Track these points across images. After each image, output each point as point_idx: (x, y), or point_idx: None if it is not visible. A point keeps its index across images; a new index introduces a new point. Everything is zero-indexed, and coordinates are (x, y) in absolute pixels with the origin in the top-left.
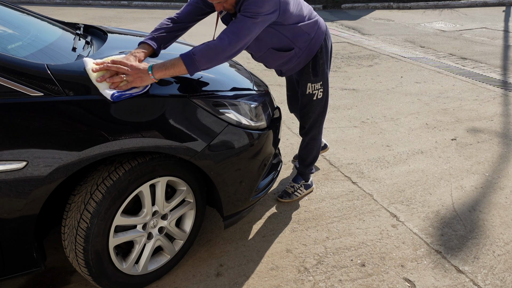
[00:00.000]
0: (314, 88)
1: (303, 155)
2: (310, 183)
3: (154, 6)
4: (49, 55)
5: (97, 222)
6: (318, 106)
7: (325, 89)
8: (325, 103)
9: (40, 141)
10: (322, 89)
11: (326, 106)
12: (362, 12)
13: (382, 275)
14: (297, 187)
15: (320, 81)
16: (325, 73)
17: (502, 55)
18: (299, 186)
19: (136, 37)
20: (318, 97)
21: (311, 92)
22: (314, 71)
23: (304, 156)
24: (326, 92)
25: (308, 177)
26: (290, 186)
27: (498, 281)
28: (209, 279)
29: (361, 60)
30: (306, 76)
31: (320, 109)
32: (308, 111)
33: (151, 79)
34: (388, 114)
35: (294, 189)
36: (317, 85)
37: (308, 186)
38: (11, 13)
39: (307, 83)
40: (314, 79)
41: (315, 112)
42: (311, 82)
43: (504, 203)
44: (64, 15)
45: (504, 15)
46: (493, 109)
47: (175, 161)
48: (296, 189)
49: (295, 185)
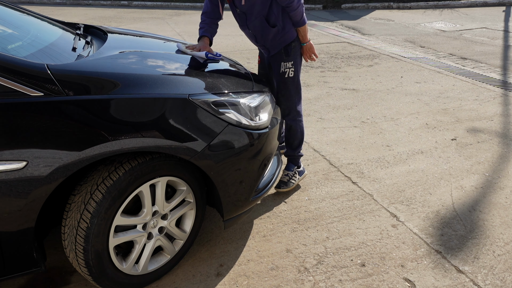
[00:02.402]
0: (286, 67)
1: (289, 139)
2: (302, 169)
3: (154, 6)
4: (49, 55)
5: (97, 222)
6: (291, 84)
7: (296, 70)
8: (297, 84)
9: (40, 141)
10: (293, 68)
11: (299, 88)
12: (362, 12)
13: (382, 275)
14: (291, 174)
15: (291, 61)
16: (296, 58)
17: (502, 55)
18: (293, 173)
19: (136, 37)
20: (290, 75)
21: (283, 70)
22: (286, 52)
23: (290, 140)
24: (297, 73)
25: (298, 161)
26: (284, 175)
27: (498, 281)
28: (209, 279)
29: (361, 60)
30: (280, 57)
31: (294, 89)
32: (282, 89)
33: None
34: (388, 114)
35: (288, 177)
36: (288, 64)
37: (301, 172)
38: (11, 13)
39: (280, 62)
40: (286, 58)
41: (288, 90)
42: (283, 61)
43: (504, 203)
44: (64, 15)
45: (504, 15)
46: (493, 109)
47: (175, 161)
48: (291, 177)
49: (289, 173)
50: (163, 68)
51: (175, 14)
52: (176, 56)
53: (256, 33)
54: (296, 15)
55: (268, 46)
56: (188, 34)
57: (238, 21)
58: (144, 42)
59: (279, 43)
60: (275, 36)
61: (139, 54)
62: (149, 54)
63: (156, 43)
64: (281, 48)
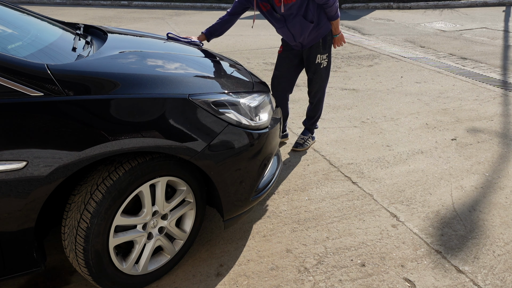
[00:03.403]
0: (322, 59)
1: (311, 115)
2: (314, 136)
3: (154, 6)
4: (49, 55)
5: (97, 222)
6: (324, 73)
7: (329, 60)
8: (328, 72)
9: (40, 141)
10: (327, 59)
11: (328, 75)
12: (362, 12)
13: (382, 275)
14: (306, 138)
15: (326, 53)
16: (330, 50)
17: (502, 55)
18: (308, 137)
19: (136, 37)
20: (324, 65)
21: (319, 61)
22: (324, 45)
23: (311, 115)
24: (329, 63)
25: (313, 130)
26: (300, 138)
27: (498, 281)
28: (209, 279)
29: (361, 60)
30: (317, 49)
31: (326, 75)
32: (317, 77)
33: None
34: (388, 114)
35: (304, 140)
36: (324, 56)
37: (313, 138)
38: (11, 13)
39: (317, 54)
40: (323, 51)
41: (321, 78)
42: (320, 53)
43: (504, 203)
44: (64, 15)
45: (504, 15)
46: (493, 109)
47: (175, 161)
48: (305, 140)
49: (304, 137)
50: (163, 68)
51: (175, 14)
52: (176, 56)
53: (295, 31)
54: (332, 10)
55: (305, 41)
56: (188, 34)
57: (275, 24)
58: (144, 42)
59: (316, 37)
60: (311, 31)
61: (139, 54)
62: (149, 54)
63: (156, 43)
64: (319, 40)
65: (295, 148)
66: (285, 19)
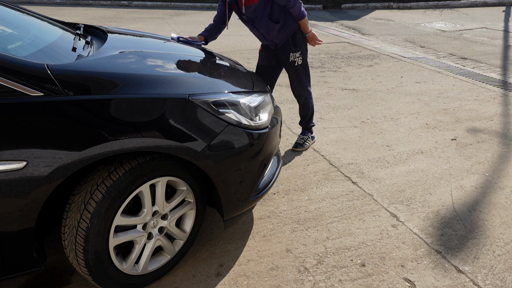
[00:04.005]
0: (295, 57)
1: (302, 114)
2: (314, 135)
3: (154, 6)
4: (49, 55)
5: (97, 222)
6: (301, 70)
7: (303, 57)
8: (306, 69)
9: (40, 141)
10: (300, 57)
11: (307, 72)
12: (362, 12)
13: (382, 275)
14: (306, 138)
15: (298, 51)
16: (302, 47)
17: (502, 55)
18: (307, 137)
19: (136, 37)
20: (299, 63)
21: (293, 59)
22: (294, 43)
23: (303, 114)
24: (305, 60)
25: (311, 129)
26: (300, 138)
27: (498, 281)
28: (209, 279)
29: (361, 60)
30: (288, 48)
31: (304, 74)
32: (294, 75)
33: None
34: (388, 114)
35: (303, 140)
36: (297, 54)
37: (313, 137)
38: (11, 13)
39: (289, 53)
40: (294, 49)
41: (299, 76)
42: (292, 51)
43: (504, 203)
44: (64, 15)
45: (504, 15)
46: (493, 109)
47: (175, 161)
48: (305, 140)
49: (304, 137)
50: (163, 68)
51: (175, 14)
52: (176, 56)
53: (264, 31)
54: (295, 11)
55: (276, 40)
56: (188, 34)
57: (247, 26)
58: (144, 42)
59: (285, 36)
60: (279, 30)
61: (139, 54)
62: (149, 54)
63: (156, 43)
64: (288, 39)
65: (295, 148)
66: (252, 20)
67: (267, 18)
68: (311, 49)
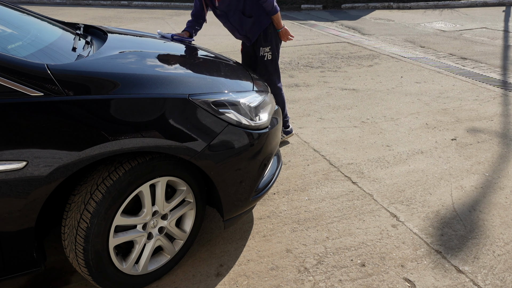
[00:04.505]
0: (265, 51)
1: None
2: (290, 130)
3: (154, 6)
4: (49, 55)
5: (97, 222)
6: (270, 66)
7: (273, 53)
8: (275, 65)
9: (40, 141)
10: (270, 52)
11: (277, 68)
12: (362, 12)
13: (382, 275)
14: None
15: (269, 46)
16: (272, 43)
17: (502, 55)
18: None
19: (136, 37)
20: (268, 58)
21: (263, 54)
22: (265, 38)
23: None
24: (274, 56)
25: (286, 123)
26: None
27: (498, 281)
28: (209, 279)
29: (361, 60)
30: (259, 42)
31: (273, 69)
32: (263, 69)
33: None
34: (388, 114)
35: None
36: (267, 49)
37: (288, 132)
38: (11, 13)
39: (260, 47)
40: (264, 44)
41: (267, 70)
42: (262, 46)
43: (504, 203)
44: (64, 15)
45: (504, 15)
46: (493, 109)
47: (175, 161)
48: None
49: None
50: (163, 68)
51: (175, 14)
52: (176, 56)
53: (237, 25)
54: (268, 6)
55: (248, 35)
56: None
57: (221, 20)
58: (144, 42)
59: (257, 30)
60: (252, 25)
61: (139, 54)
62: (149, 54)
63: (156, 43)
64: (260, 33)
65: None
66: (226, 14)
67: (240, 12)
68: (311, 49)
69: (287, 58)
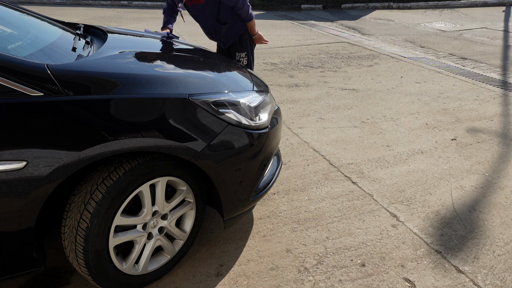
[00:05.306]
0: (241, 57)
1: None
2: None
3: (154, 6)
4: (49, 55)
5: (97, 222)
6: None
7: (249, 59)
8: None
9: (40, 141)
10: (246, 57)
11: None
12: (362, 12)
13: (382, 275)
14: None
15: (244, 51)
16: (248, 48)
17: (502, 55)
18: None
19: (136, 37)
20: (244, 63)
21: (239, 59)
22: (240, 44)
23: None
24: (250, 61)
25: None
26: None
27: (498, 281)
28: (209, 279)
29: (361, 60)
30: (235, 48)
31: None
32: None
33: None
34: (388, 114)
35: None
36: (243, 54)
37: None
38: (11, 13)
39: (236, 52)
40: (240, 49)
41: None
42: (238, 51)
43: (504, 203)
44: (64, 15)
45: (504, 15)
46: (493, 109)
47: (175, 161)
48: None
49: None
50: (163, 68)
51: None
52: (176, 56)
53: (212, 30)
54: (243, 13)
55: (223, 40)
56: (188, 34)
57: (197, 22)
58: (144, 42)
59: (232, 37)
60: (227, 31)
61: (139, 54)
62: (149, 54)
63: (156, 43)
64: (236, 40)
65: None
66: (199, 18)
67: (214, 19)
68: (311, 49)
69: (287, 58)
